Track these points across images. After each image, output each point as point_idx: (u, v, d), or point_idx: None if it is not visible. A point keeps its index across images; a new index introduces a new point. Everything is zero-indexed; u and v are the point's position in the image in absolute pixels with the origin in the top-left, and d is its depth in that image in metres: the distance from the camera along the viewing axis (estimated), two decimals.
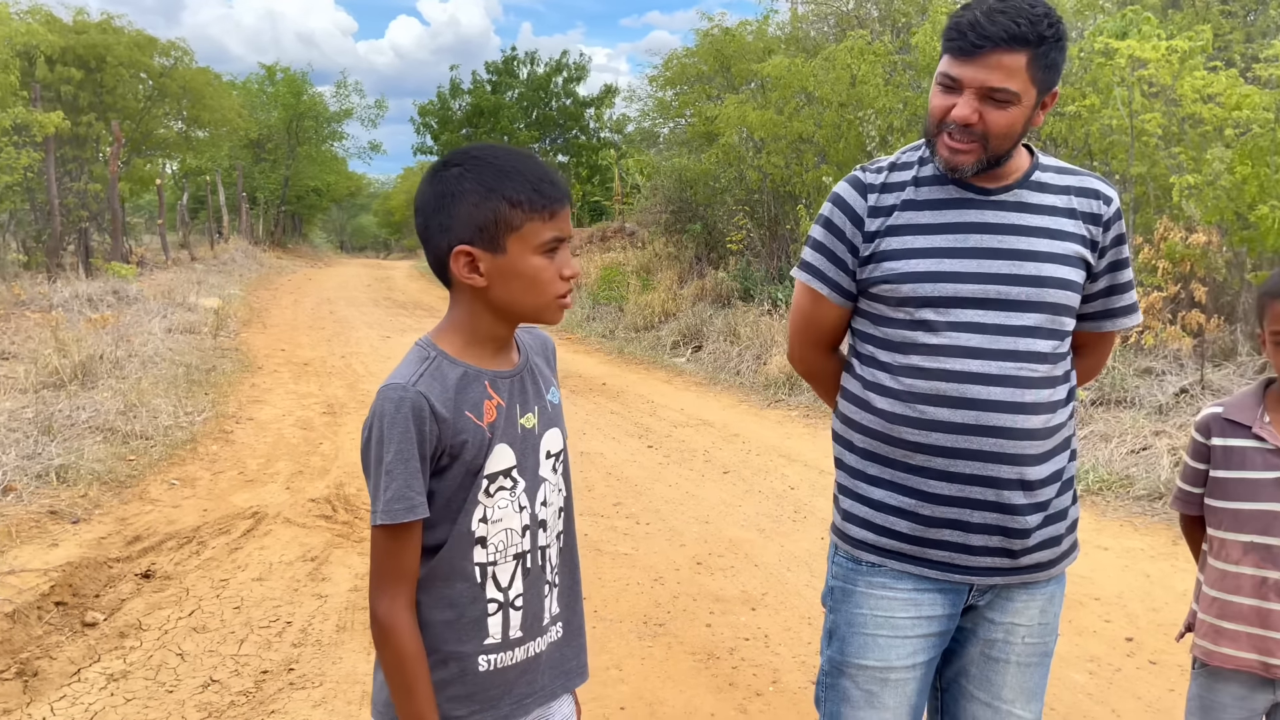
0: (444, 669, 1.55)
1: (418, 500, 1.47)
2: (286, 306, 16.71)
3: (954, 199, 1.91)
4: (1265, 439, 2.00)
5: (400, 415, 1.47)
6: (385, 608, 1.50)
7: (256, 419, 7.86)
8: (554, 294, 1.56)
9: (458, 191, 1.51)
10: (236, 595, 4.36)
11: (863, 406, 1.97)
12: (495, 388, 1.57)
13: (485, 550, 1.55)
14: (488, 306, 1.56)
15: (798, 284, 2.06)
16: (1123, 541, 5.09)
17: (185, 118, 24.12)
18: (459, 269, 1.52)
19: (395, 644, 1.50)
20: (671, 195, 16.01)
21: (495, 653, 1.57)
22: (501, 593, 1.57)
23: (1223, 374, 6.93)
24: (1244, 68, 9.14)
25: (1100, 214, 1.95)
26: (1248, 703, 2.06)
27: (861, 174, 1.99)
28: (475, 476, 1.53)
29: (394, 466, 1.46)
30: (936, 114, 1.85)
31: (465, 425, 1.51)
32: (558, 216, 1.54)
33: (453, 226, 1.51)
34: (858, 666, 1.97)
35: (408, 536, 1.49)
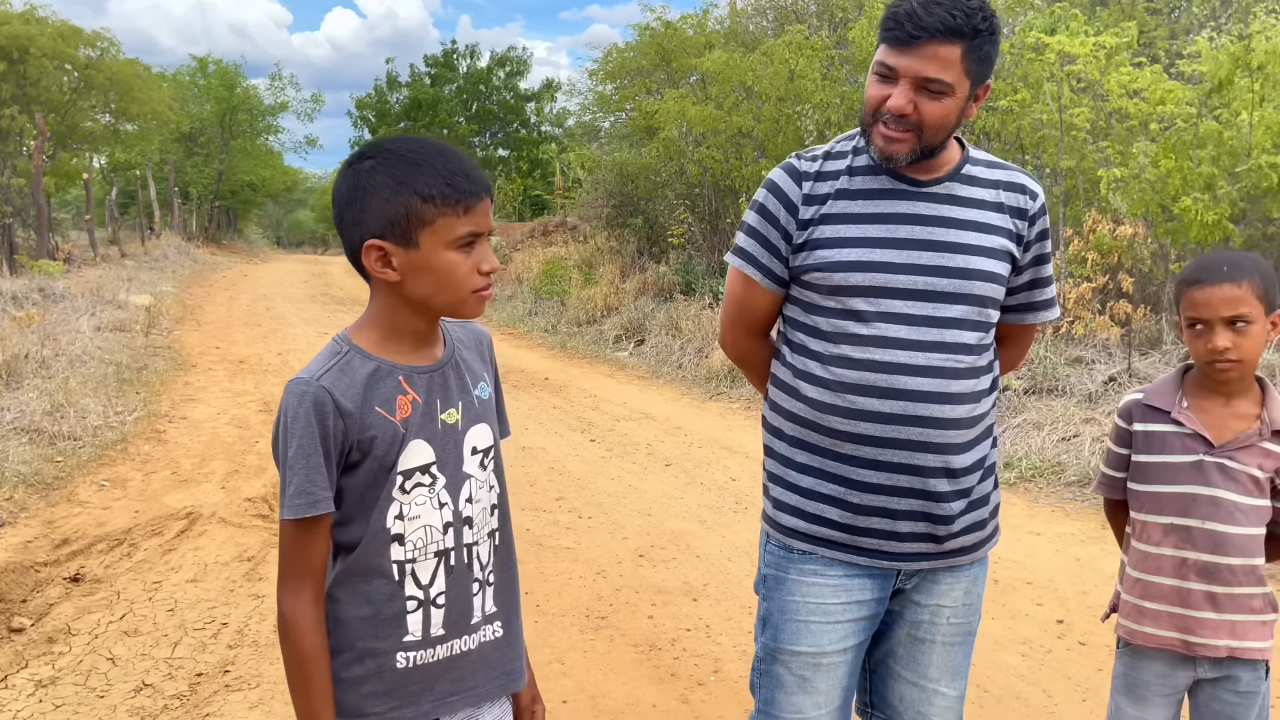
0: (360, 665, 1.53)
1: (320, 495, 1.45)
2: (221, 303, 16.39)
3: (887, 189, 1.93)
4: (1183, 424, 2.06)
5: (302, 410, 1.45)
6: (288, 602, 1.48)
7: (190, 418, 7.70)
8: (470, 289, 1.53)
9: (369, 185, 1.48)
10: (170, 597, 4.27)
11: (793, 394, 1.99)
12: (411, 383, 1.54)
13: (403, 548, 1.53)
14: (403, 301, 1.54)
15: (731, 269, 2.07)
16: (1054, 527, 5.21)
17: (113, 110, 23.53)
18: (371, 263, 1.50)
19: (294, 639, 1.48)
20: (613, 189, 16.00)
21: (415, 650, 1.55)
22: (422, 590, 1.55)
23: (1149, 362, 7.12)
24: (1168, 64, 9.40)
25: (1026, 209, 2.00)
26: (1170, 680, 2.12)
27: (797, 161, 2.00)
28: (389, 473, 1.51)
29: (295, 461, 1.44)
30: (872, 104, 1.87)
31: (374, 421, 1.49)
32: (474, 211, 1.50)
33: (365, 220, 1.49)
34: (791, 653, 1.99)
35: (313, 531, 1.47)
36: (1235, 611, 2.03)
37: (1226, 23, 10.05)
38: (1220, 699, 2.09)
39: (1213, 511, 2.02)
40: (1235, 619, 2.03)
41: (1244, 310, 1.96)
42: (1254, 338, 1.97)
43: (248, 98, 36.60)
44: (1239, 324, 1.97)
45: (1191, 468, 2.05)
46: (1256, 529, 2.03)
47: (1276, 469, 2.02)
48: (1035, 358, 7.43)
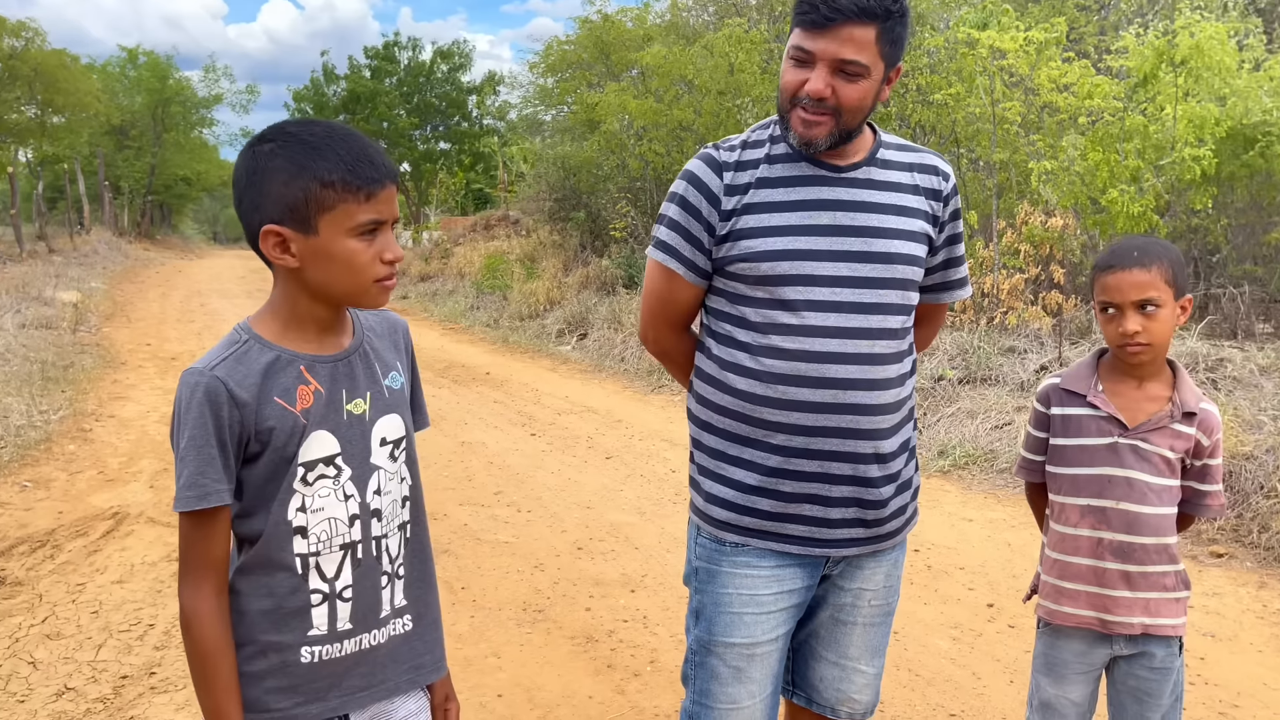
0: (263, 659, 1.50)
1: (212, 488, 1.42)
2: (153, 300, 16.03)
3: (807, 176, 1.92)
4: (1099, 407, 2.10)
5: (194, 400, 1.41)
6: (189, 596, 1.45)
7: (118, 416, 7.51)
8: (372, 278, 1.49)
9: (268, 168, 1.44)
10: (94, 599, 4.16)
11: (721, 387, 1.98)
12: (313, 373, 1.51)
13: (306, 540, 1.50)
14: (304, 288, 1.50)
15: (651, 263, 2.05)
16: (986, 513, 5.30)
17: (39, 102, 22.85)
18: (269, 249, 1.46)
19: (196, 633, 1.44)
20: (555, 183, 15.94)
21: (320, 644, 1.52)
22: (327, 583, 1.52)
23: (1079, 351, 7.27)
24: (1096, 59, 9.60)
25: (940, 189, 2.02)
26: (1087, 658, 2.17)
27: (715, 152, 1.98)
28: (289, 465, 1.47)
29: (187, 453, 1.41)
30: (790, 89, 1.87)
31: (273, 411, 1.46)
32: (376, 198, 1.47)
33: (263, 205, 1.45)
34: (725, 645, 2.00)
35: (210, 524, 1.44)
36: (1149, 590, 2.08)
37: (1153, 19, 10.29)
38: (1136, 675, 2.14)
39: (1127, 492, 2.07)
40: (1149, 597, 2.08)
41: (1153, 294, 2.00)
42: (1163, 321, 2.02)
43: (180, 90, 35.84)
44: (1148, 308, 2.01)
45: (1106, 450, 2.09)
46: (1168, 509, 2.08)
47: (1187, 450, 2.07)
48: (969, 347, 7.56)
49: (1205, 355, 6.31)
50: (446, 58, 34.68)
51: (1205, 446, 2.09)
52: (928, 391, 7.21)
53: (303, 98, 34.41)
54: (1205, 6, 9.10)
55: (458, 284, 17.13)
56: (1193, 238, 8.14)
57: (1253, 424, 5.27)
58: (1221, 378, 6.06)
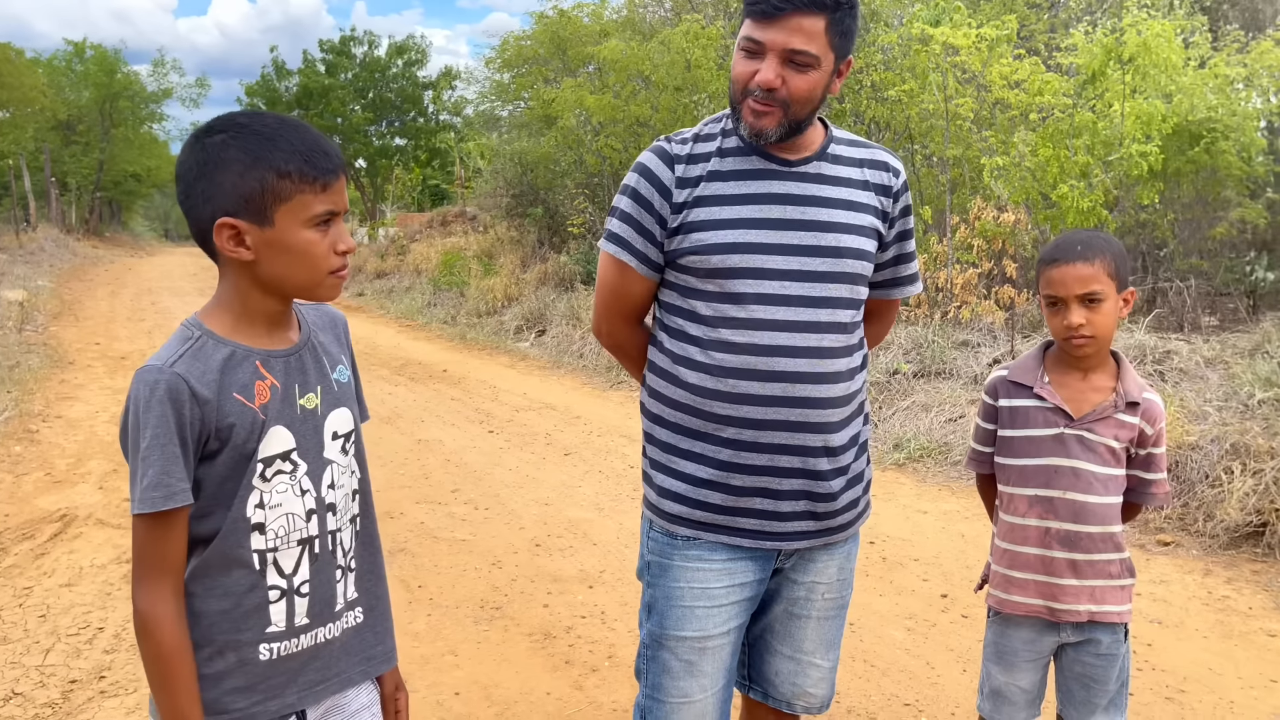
0: (221, 660, 1.48)
1: (178, 487, 1.39)
2: (102, 298, 15.74)
3: (758, 169, 1.93)
4: (1045, 398, 2.13)
5: (155, 398, 1.38)
6: (146, 600, 1.41)
7: (66, 416, 7.37)
8: (327, 269, 1.49)
9: (222, 159, 1.42)
10: (42, 603, 4.08)
11: (672, 381, 1.98)
12: (268, 368, 1.49)
13: (264, 537, 1.48)
14: (256, 282, 1.48)
15: (604, 256, 2.04)
16: (940, 505, 5.36)
17: None
18: (223, 242, 1.43)
19: (156, 638, 1.41)
20: (512, 179, 15.87)
21: (279, 641, 1.51)
22: (285, 579, 1.51)
23: (1031, 344, 7.38)
24: (1046, 56, 9.74)
25: (890, 185, 2.03)
26: (1036, 645, 2.20)
27: (667, 144, 1.98)
28: (249, 461, 1.46)
29: (150, 453, 1.38)
30: (741, 80, 1.87)
31: (233, 408, 1.44)
32: (331, 189, 1.46)
33: (215, 196, 1.42)
34: (677, 638, 2.00)
35: (170, 525, 1.41)
36: (1095, 577, 2.12)
37: (1101, 17, 10.46)
38: (1082, 661, 2.18)
39: (1073, 482, 2.10)
40: (1095, 584, 2.12)
41: (1096, 288, 2.04)
42: (1106, 314, 2.06)
43: (129, 84, 35.18)
44: (1092, 301, 2.05)
45: (1053, 440, 2.12)
46: (1114, 498, 2.12)
47: (1131, 439, 2.11)
48: (924, 342, 7.64)
49: (1153, 348, 6.43)
50: (402, 52, 34.38)
51: (1149, 435, 2.13)
52: (883, 385, 7.28)
53: (255, 92, 33.97)
54: (1152, 5, 9.26)
55: (414, 281, 17.00)
56: (1140, 232, 8.29)
57: (1198, 414, 5.38)
58: (1168, 369, 6.18)
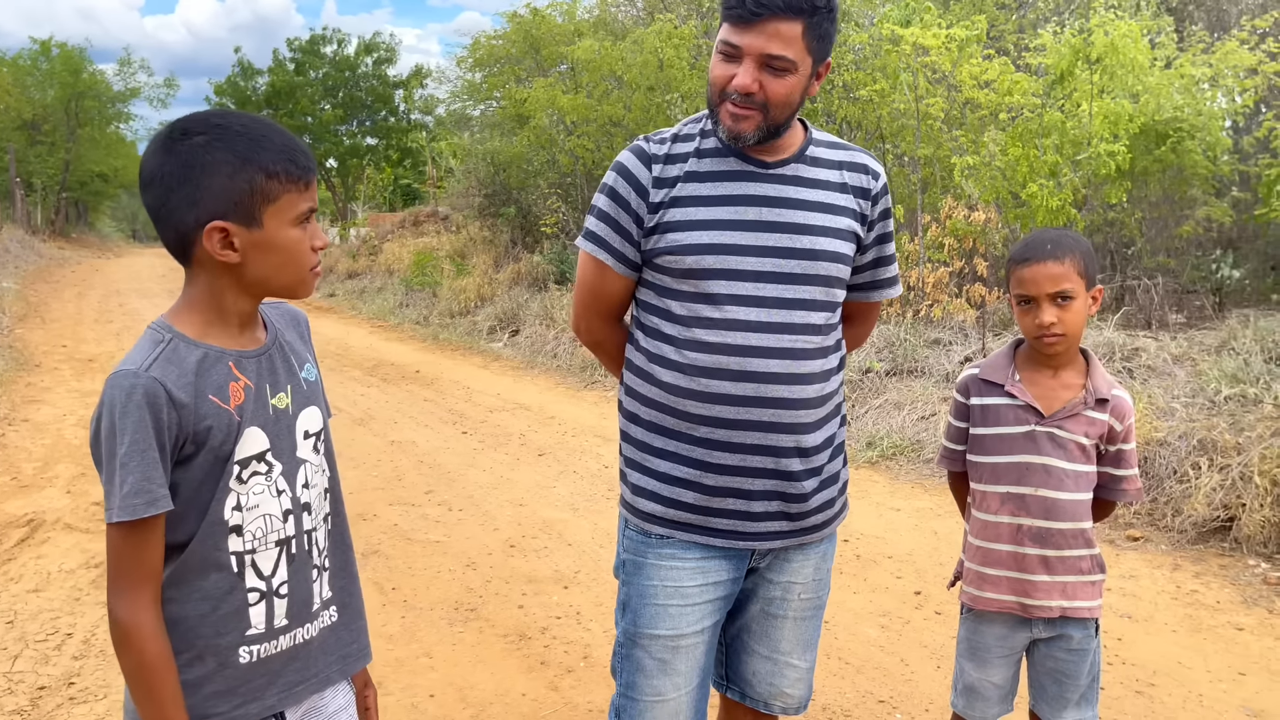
0: (201, 665, 1.46)
1: (159, 493, 1.37)
2: (69, 300, 15.54)
3: (735, 171, 1.93)
4: (1016, 396, 2.15)
5: (133, 403, 1.36)
6: (125, 609, 1.39)
7: (33, 420, 7.27)
8: (308, 266, 1.50)
9: (207, 162, 1.40)
10: (9, 609, 4.02)
11: (647, 379, 1.98)
12: (241, 368, 1.48)
13: (242, 539, 1.47)
14: (235, 283, 1.47)
15: (582, 254, 2.05)
16: (913, 502, 5.40)
17: None
18: (212, 246, 1.42)
19: (137, 647, 1.39)
20: (485, 178, 15.82)
21: (259, 643, 1.50)
22: (264, 581, 1.50)
23: (1002, 341, 7.44)
24: (1015, 56, 9.82)
25: (869, 188, 2.03)
26: (1009, 641, 2.22)
27: (645, 144, 1.99)
28: (225, 463, 1.44)
29: (129, 459, 1.35)
30: (718, 83, 1.87)
31: (209, 410, 1.42)
32: (310, 187, 1.48)
33: (202, 200, 1.40)
34: (650, 636, 2.00)
35: (148, 532, 1.39)
36: (1066, 573, 2.14)
37: (1069, 17, 10.56)
38: (1054, 657, 2.20)
39: (1045, 479, 2.12)
40: (1066, 580, 2.14)
41: (1066, 286, 2.06)
42: (1076, 312, 2.08)
43: (95, 83, 34.72)
44: (1062, 300, 2.07)
45: (1024, 438, 2.14)
46: (1084, 494, 2.14)
47: (1101, 435, 2.13)
48: (896, 340, 7.69)
49: (1121, 345, 6.50)
50: (371, 51, 34.15)
51: (1118, 431, 2.15)
52: (856, 384, 7.32)
53: (224, 91, 33.61)
54: (1119, 6, 9.36)
55: (386, 281, 16.91)
56: (1109, 231, 8.38)
57: (1166, 411, 5.45)
58: (1136, 366, 6.25)
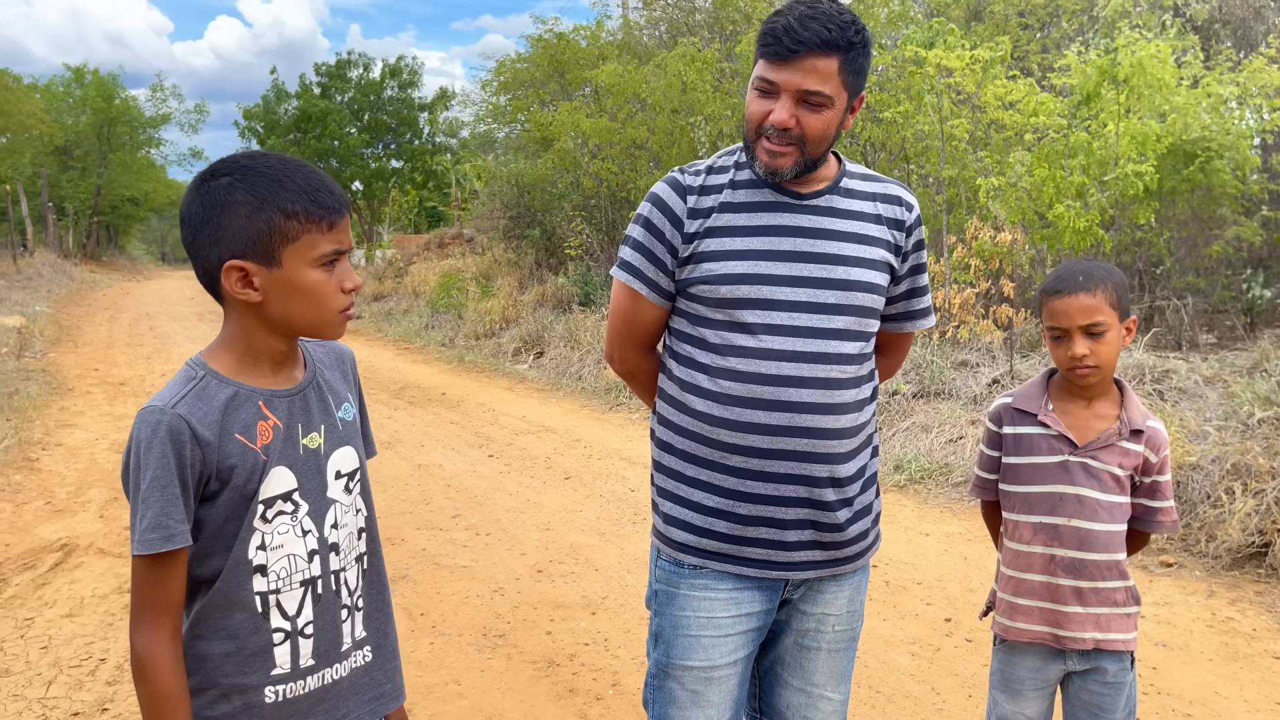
0: (226, 703, 1.47)
1: (177, 529, 1.39)
2: (101, 323, 15.74)
3: (769, 202, 1.95)
4: (1049, 425, 2.14)
5: (157, 439, 1.38)
6: (143, 641, 1.41)
7: (66, 444, 7.36)
8: (335, 308, 1.50)
9: (228, 202, 1.43)
10: (43, 634, 4.06)
11: (680, 408, 1.99)
12: (271, 408, 1.50)
13: (266, 579, 1.48)
14: (263, 322, 1.49)
15: (616, 284, 2.07)
16: (942, 527, 5.36)
17: None
18: (231, 285, 1.44)
19: (151, 679, 1.41)
20: (509, 201, 15.93)
21: (284, 683, 1.51)
22: (289, 621, 1.51)
23: (1030, 364, 7.40)
24: (1040, 76, 9.81)
25: (903, 220, 2.05)
26: (1042, 673, 2.20)
27: (680, 176, 2.01)
28: (249, 502, 1.46)
29: (150, 494, 1.38)
30: (755, 119, 1.89)
31: (234, 449, 1.44)
32: (337, 227, 1.48)
33: (223, 239, 1.43)
34: (683, 668, 1.99)
35: (169, 566, 1.41)
36: (1100, 605, 2.12)
37: (1093, 37, 10.54)
38: (1089, 690, 2.18)
39: (1078, 509, 2.11)
40: (1100, 612, 2.12)
41: (1099, 319, 2.05)
42: (1109, 344, 2.07)
43: (127, 109, 35.34)
44: (1095, 332, 2.06)
45: (1058, 468, 2.13)
46: (1118, 525, 2.12)
47: (1135, 467, 2.12)
48: (923, 362, 7.65)
49: (1151, 367, 6.44)
50: (395, 74, 34.53)
51: (1153, 463, 2.13)
52: (883, 406, 7.29)
53: (253, 115, 34.09)
54: (1144, 25, 9.33)
55: (412, 303, 17.02)
56: (1137, 251, 8.32)
57: (1198, 434, 5.39)
58: (1167, 389, 6.19)
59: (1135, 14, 10.03)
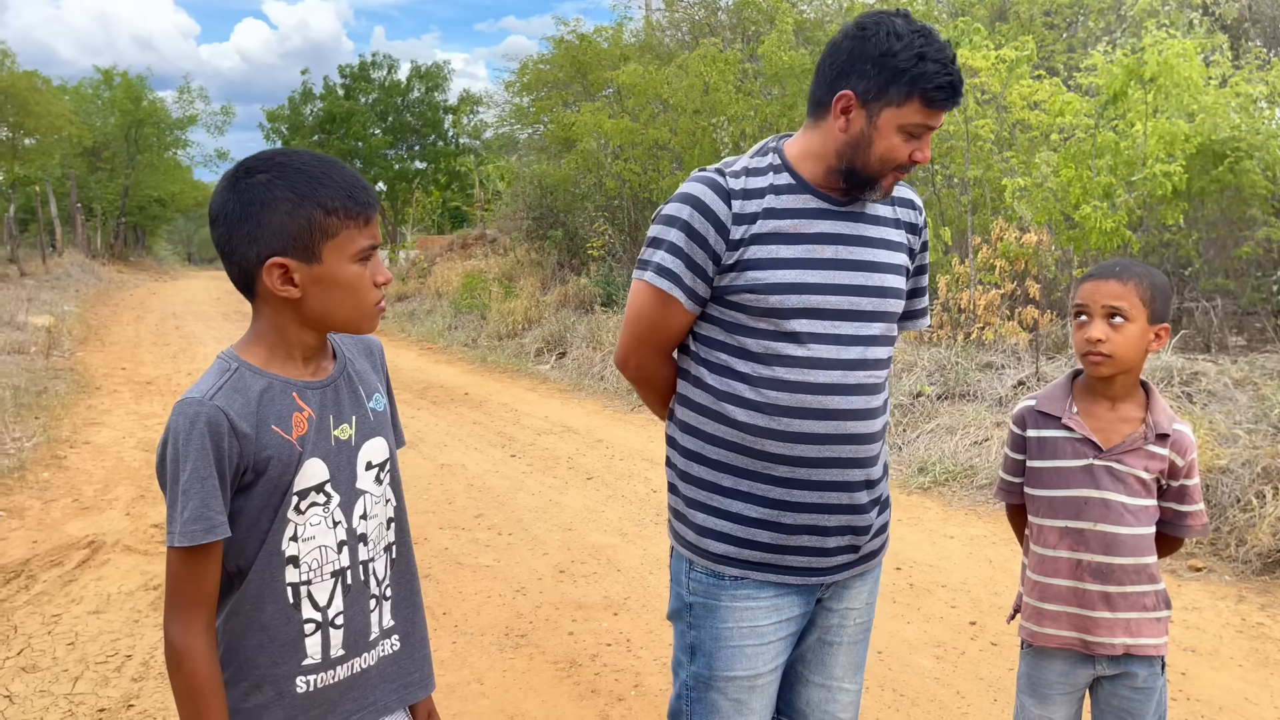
0: (259, 694, 1.48)
1: (217, 520, 1.40)
2: (128, 323, 15.89)
3: (812, 209, 1.93)
4: (1074, 429, 2.12)
5: (195, 431, 1.39)
6: (179, 632, 1.42)
7: (94, 442, 7.43)
8: (370, 302, 1.52)
9: (267, 199, 1.43)
10: (70, 630, 4.11)
11: (716, 418, 1.95)
12: (305, 399, 1.50)
13: (298, 570, 1.49)
14: (299, 318, 1.50)
15: (644, 287, 1.98)
16: (967, 530, 5.32)
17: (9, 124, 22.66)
18: (272, 282, 1.45)
19: (187, 670, 1.42)
20: (532, 202, 15.95)
21: (315, 673, 1.52)
22: (319, 612, 1.51)
23: (1055, 366, 7.33)
24: (1066, 76, 9.72)
25: (916, 222, 2.07)
26: (1070, 678, 2.18)
27: (720, 178, 1.94)
28: (284, 494, 1.47)
29: (190, 485, 1.38)
30: (897, 157, 1.87)
31: (270, 440, 1.45)
32: (371, 223, 1.50)
33: (262, 236, 1.44)
34: (727, 679, 1.98)
35: (206, 558, 1.42)
36: (1129, 610, 2.09)
37: (1120, 36, 10.43)
38: (1119, 695, 2.15)
39: (1104, 513, 2.08)
40: (1130, 617, 2.09)
41: (1122, 305, 2.03)
42: (1129, 336, 2.04)
43: (155, 111, 35.70)
44: (1116, 318, 2.04)
45: (1082, 471, 2.10)
46: (1146, 529, 2.10)
47: (1161, 470, 2.09)
48: (947, 364, 7.60)
49: (1180, 369, 6.37)
50: (423, 77, 34.71)
51: (1180, 467, 2.11)
52: (907, 408, 7.25)
53: (277, 118, 34.35)
54: (1171, 24, 9.24)
55: (435, 303, 17.09)
56: (1165, 252, 8.24)
57: (1227, 437, 5.33)
58: (1196, 391, 6.12)
59: (1163, 13, 9.92)
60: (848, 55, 1.86)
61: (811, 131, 1.96)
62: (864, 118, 1.86)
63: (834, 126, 1.89)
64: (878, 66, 1.82)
